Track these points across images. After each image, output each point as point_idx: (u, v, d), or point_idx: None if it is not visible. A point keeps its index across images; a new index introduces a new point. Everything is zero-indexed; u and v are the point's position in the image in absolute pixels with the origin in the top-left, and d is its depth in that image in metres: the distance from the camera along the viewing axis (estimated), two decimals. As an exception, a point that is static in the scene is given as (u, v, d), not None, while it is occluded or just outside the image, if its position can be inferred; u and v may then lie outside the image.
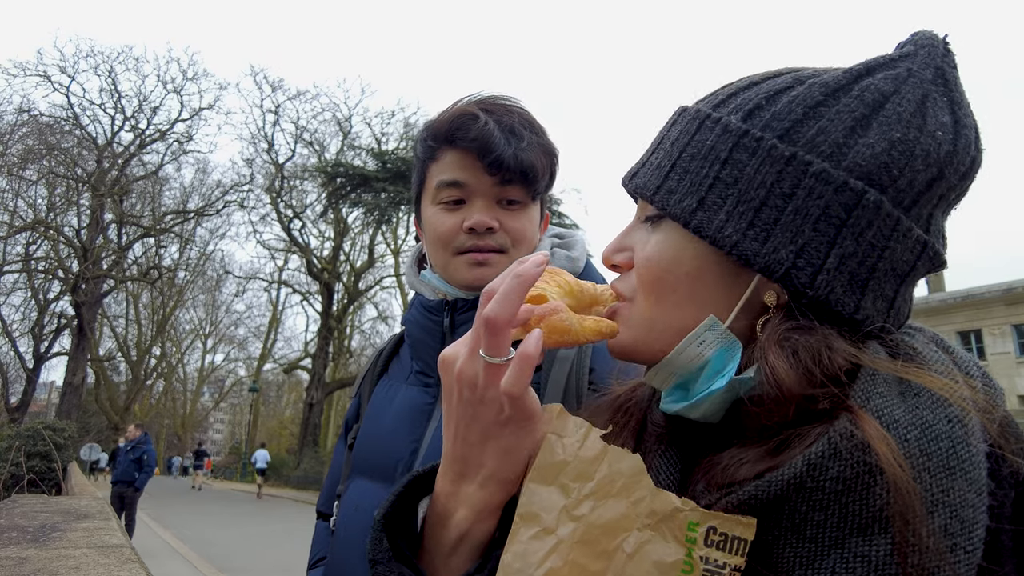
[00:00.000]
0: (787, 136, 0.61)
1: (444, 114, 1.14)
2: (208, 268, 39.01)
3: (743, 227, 0.60)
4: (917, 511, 0.47)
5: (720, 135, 0.63)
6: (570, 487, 0.60)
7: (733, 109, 0.64)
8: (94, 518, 3.92)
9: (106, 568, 2.48)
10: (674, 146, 0.67)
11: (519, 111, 1.15)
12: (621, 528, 0.58)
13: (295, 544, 12.12)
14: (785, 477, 0.52)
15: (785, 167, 0.60)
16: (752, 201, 0.60)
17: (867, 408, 0.52)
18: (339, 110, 33.69)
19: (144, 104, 32.27)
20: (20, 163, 27.53)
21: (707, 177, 0.63)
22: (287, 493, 27.07)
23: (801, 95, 0.62)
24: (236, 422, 65.22)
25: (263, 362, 44.25)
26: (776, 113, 0.62)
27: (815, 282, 0.58)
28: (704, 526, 0.55)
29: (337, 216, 32.52)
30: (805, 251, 0.59)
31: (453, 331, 1.14)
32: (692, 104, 0.70)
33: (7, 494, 7.90)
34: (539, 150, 1.12)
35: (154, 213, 33.18)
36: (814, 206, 0.59)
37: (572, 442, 0.62)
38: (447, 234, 1.12)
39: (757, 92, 0.64)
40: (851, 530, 0.50)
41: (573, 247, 1.24)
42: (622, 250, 0.71)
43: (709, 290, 0.63)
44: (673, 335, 0.64)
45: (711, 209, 0.62)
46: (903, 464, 0.49)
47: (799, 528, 0.52)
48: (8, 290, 30.38)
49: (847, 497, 0.50)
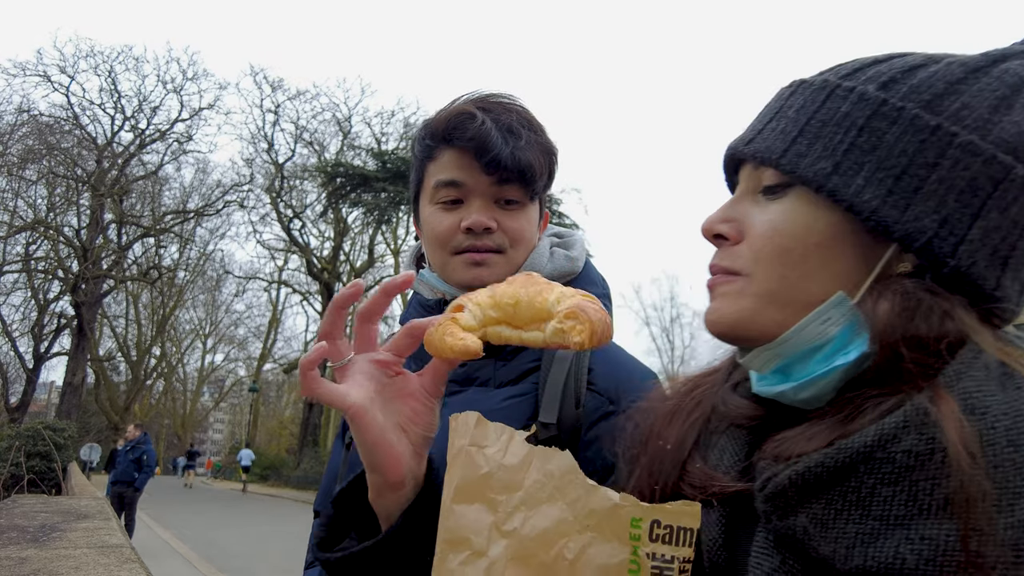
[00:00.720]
0: (930, 107, 0.59)
1: (441, 113, 1.13)
2: (208, 268, 39.03)
3: (882, 193, 0.58)
4: (982, 500, 0.46)
5: (856, 103, 0.62)
6: (497, 501, 0.57)
7: (866, 80, 0.63)
8: (94, 518, 3.92)
9: (106, 568, 2.48)
10: (799, 113, 0.65)
11: (518, 109, 1.14)
12: (559, 534, 0.54)
13: (295, 544, 12.10)
14: (855, 445, 0.51)
15: (929, 136, 0.58)
16: (892, 169, 0.59)
17: (953, 388, 0.51)
18: (339, 110, 33.57)
19: (144, 104, 32.26)
20: (20, 163, 27.51)
21: (842, 143, 0.61)
22: (287, 493, 27.05)
23: (941, 71, 0.61)
24: (236, 422, 65.20)
25: (263, 362, 44.27)
26: (915, 86, 0.61)
27: (957, 252, 0.57)
28: (648, 520, 0.52)
29: (337, 216, 32.51)
30: (949, 221, 0.57)
31: None
32: (812, 76, 0.68)
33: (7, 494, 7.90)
34: (537, 149, 1.11)
35: (154, 213, 33.17)
36: (959, 177, 0.57)
37: (494, 451, 0.58)
38: (444, 234, 1.11)
39: (890, 67, 0.63)
40: (920, 509, 0.48)
41: (572, 247, 1.23)
42: (729, 220, 0.68)
43: (840, 262, 0.61)
44: (794, 310, 0.61)
45: (847, 174, 0.60)
46: (974, 450, 0.47)
47: (865, 502, 0.50)
48: (8, 290, 30.38)
49: (918, 474, 0.48)
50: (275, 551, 11.61)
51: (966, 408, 0.49)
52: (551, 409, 1.01)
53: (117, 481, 11.26)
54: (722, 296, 0.66)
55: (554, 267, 1.16)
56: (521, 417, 1.03)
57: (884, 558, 0.48)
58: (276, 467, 34.00)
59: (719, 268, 0.68)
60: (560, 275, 1.16)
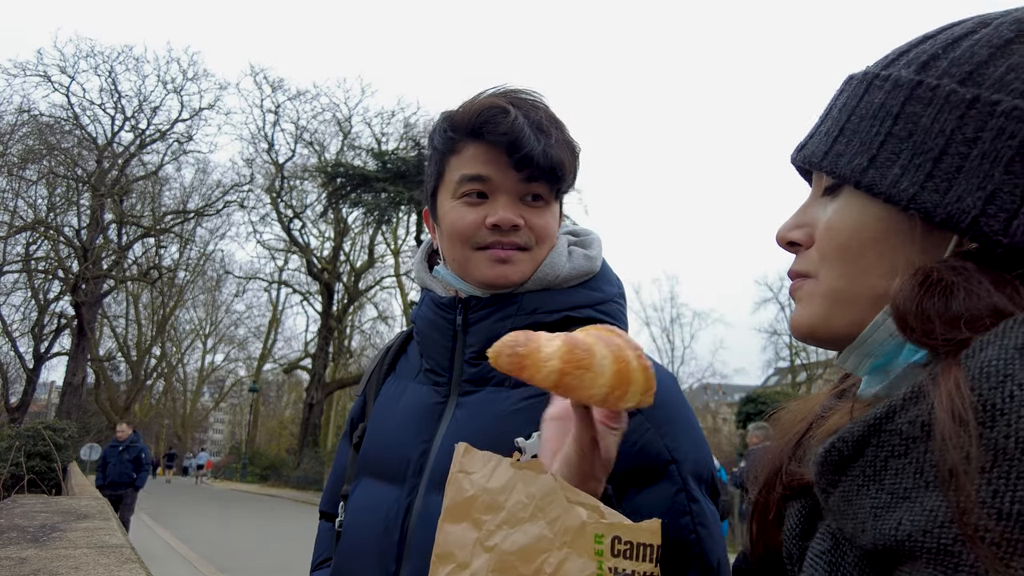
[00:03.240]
0: (969, 80, 0.56)
1: (469, 105, 1.10)
2: (208, 268, 39.00)
3: (920, 179, 0.56)
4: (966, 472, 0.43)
5: (890, 91, 0.60)
6: (481, 520, 0.61)
7: (905, 64, 0.61)
8: (94, 518, 3.92)
9: (106, 568, 2.48)
10: (842, 112, 0.64)
11: (543, 107, 1.12)
12: (539, 550, 0.58)
13: (295, 544, 12.10)
14: (868, 419, 0.50)
15: (967, 111, 0.55)
16: (930, 152, 0.56)
17: (971, 359, 0.47)
18: (339, 110, 33.56)
19: (144, 104, 32.24)
20: (20, 163, 27.50)
21: (878, 135, 0.59)
22: (287, 493, 27.06)
23: (987, 36, 0.57)
24: (236, 422, 65.18)
25: (263, 362, 44.26)
26: (955, 59, 0.57)
27: (1010, 228, 0.52)
28: (608, 537, 0.55)
29: (337, 216, 32.51)
30: (997, 196, 0.53)
31: (466, 329, 1.12)
32: (860, 70, 0.67)
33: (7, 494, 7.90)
34: (566, 148, 1.10)
35: (154, 213, 33.15)
36: (1005, 147, 0.53)
37: (479, 476, 0.63)
38: (467, 229, 1.08)
39: (933, 44, 0.60)
40: (927, 482, 0.46)
41: (590, 246, 1.21)
42: (800, 226, 0.68)
43: (899, 253, 0.58)
44: (865, 308, 0.60)
45: (884, 166, 0.58)
46: (967, 419, 0.44)
47: (879, 476, 0.49)
48: (8, 290, 30.37)
49: (924, 444, 0.47)
50: (275, 551, 11.61)
51: (981, 375, 0.46)
52: None
53: (112, 483, 10.59)
54: (799, 300, 0.66)
55: (573, 267, 1.15)
56: (538, 418, 1.00)
57: (888, 530, 0.47)
58: (276, 467, 34.00)
59: (794, 273, 0.68)
60: (579, 275, 1.15)
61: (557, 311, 1.10)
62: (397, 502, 1.05)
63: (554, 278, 1.12)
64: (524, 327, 1.09)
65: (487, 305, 1.10)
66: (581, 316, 1.11)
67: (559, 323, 1.10)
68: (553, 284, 1.12)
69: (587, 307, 1.12)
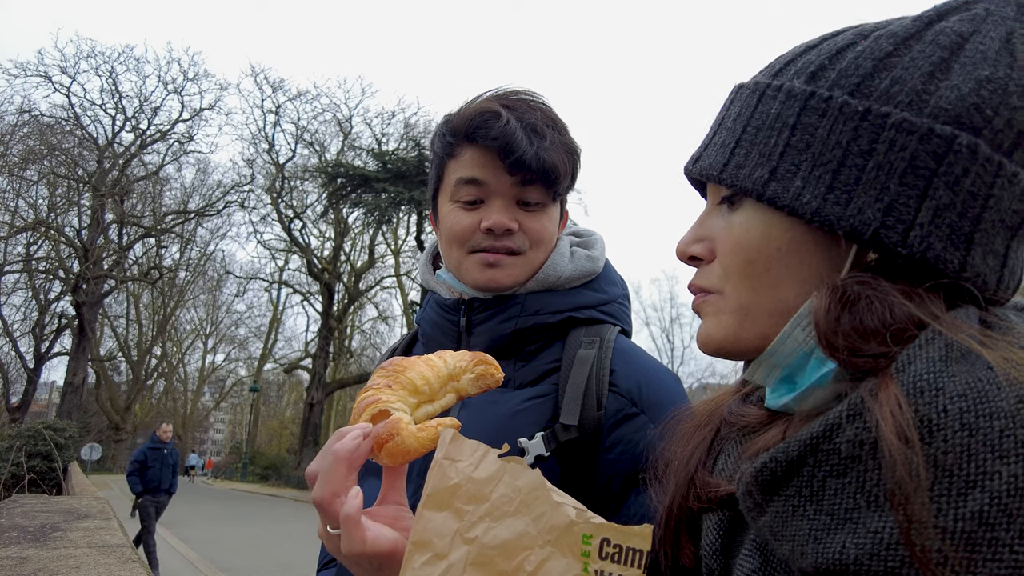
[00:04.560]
0: (858, 91, 0.56)
1: (464, 109, 1.10)
2: (209, 268, 39.08)
3: (822, 191, 0.56)
4: (916, 490, 0.43)
5: (784, 101, 0.59)
6: (463, 510, 0.60)
7: (794, 74, 0.60)
8: (95, 518, 3.92)
9: (106, 568, 2.48)
10: (736, 122, 0.63)
11: (542, 107, 1.11)
12: (521, 547, 0.57)
13: (295, 544, 12.11)
14: (802, 438, 0.49)
15: (860, 123, 0.55)
16: (829, 164, 0.56)
17: (902, 372, 0.47)
18: (340, 110, 33.59)
19: (145, 104, 32.33)
20: (21, 163, 27.55)
21: (776, 146, 0.59)
22: (287, 493, 27.06)
23: (868, 48, 0.58)
24: (236, 422, 65.23)
25: (263, 362, 44.29)
26: (843, 71, 0.58)
27: (907, 239, 0.53)
28: (597, 538, 0.54)
29: (337, 216, 32.53)
30: (893, 208, 0.53)
31: (470, 331, 1.12)
32: (748, 79, 0.66)
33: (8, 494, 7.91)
34: (562, 150, 1.09)
35: (155, 213, 33.20)
36: (897, 159, 0.53)
37: (465, 465, 0.62)
38: (463, 233, 1.09)
39: (818, 53, 0.60)
40: (867, 501, 0.46)
41: (593, 246, 1.21)
42: (699, 240, 0.66)
43: (807, 265, 0.58)
44: (773, 320, 0.60)
45: (785, 178, 0.57)
46: (910, 436, 0.44)
47: (817, 497, 0.48)
48: (9, 290, 30.42)
49: (864, 464, 0.46)
50: (275, 551, 11.61)
51: (915, 391, 0.46)
52: (572, 410, 0.99)
53: (157, 488, 9.58)
54: (705, 316, 0.66)
55: (575, 267, 1.14)
56: (541, 419, 1.01)
57: (831, 553, 0.46)
58: (276, 467, 34.00)
59: (698, 288, 0.67)
60: (582, 275, 1.15)
61: (559, 312, 1.10)
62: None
63: (556, 279, 1.12)
64: (527, 328, 1.09)
65: (490, 307, 1.10)
66: (584, 316, 1.11)
67: (561, 323, 1.10)
68: (556, 285, 1.12)
69: (590, 307, 1.12)
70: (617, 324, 1.14)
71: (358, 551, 0.64)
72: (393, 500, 0.75)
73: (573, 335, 1.09)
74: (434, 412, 0.75)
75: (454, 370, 0.76)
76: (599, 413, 0.99)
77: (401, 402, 0.72)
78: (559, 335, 1.10)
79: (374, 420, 0.71)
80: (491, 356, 0.79)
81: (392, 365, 0.76)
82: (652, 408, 1.02)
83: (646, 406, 1.02)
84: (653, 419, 1.00)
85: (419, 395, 0.74)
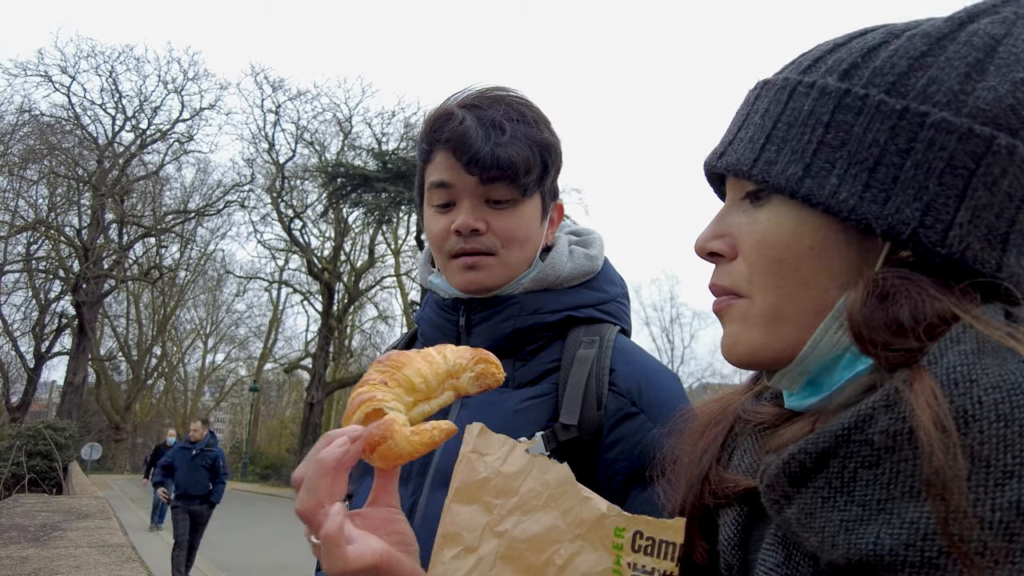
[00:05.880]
0: (894, 90, 0.56)
1: (429, 114, 1.13)
2: (209, 268, 39.08)
3: (858, 189, 0.55)
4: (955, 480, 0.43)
5: (818, 99, 0.59)
6: (492, 504, 0.60)
7: (826, 71, 0.60)
8: (95, 517, 3.92)
9: (107, 567, 2.49)
10: (764, 118, 0.62)
11: (510, 100, 1.10)
12: (550, 540, 0.56)
13: (295, 544, 12.10)
14: (833, 429, 0.49)
15: (898, 121, 0.55)
16: (865, 162, 0.56)
17: (935, 365, 0.48)
18: (340, 110, 33.51)
19: (145, 104, 32.30)
20: (21, 163, 27.55)
21: (810, 143, 0.58)
22: (288, 492, 27.05)
23: (902, 47, 0.57)
24: (237, 422, 65.21)
25: (264, 362, 44.25)
26: (877, 69, 0.57)
27: (946, 239, 0.53)
28: (630, 531, 0.53)
29: (338, 216, 32.50)
30: (932, 207, 0.54)
31: (469, 331, 1.12)
32: (773, 75, 0.65)
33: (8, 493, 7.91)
34: (524, 142, 1.06)
35: (155, 213, 33.21)
36: (936, 158, 0.54)
37: (494, 459, 0.62)
38: (438, 237, 1.10)
39: (849, 51, 0.60)
40: (901, 492, 0.45)
41: (591, 245, 1.21)
42: (720, 236, 0.64)
43: (838, 264, 0.57)
44: (804, 323, 0.59)
45: (819, 175, 0.57)
46: (947, 426, 0.44)
47: (848, 488, 0.48)
48: (9, 290, 30.41)
49: (898, 455, 0.46)
50: (275, 551, 11.61)
51: (949, 382, 0.46)
52: (572, 410, 0.99)
53: (185, 495, 8.42)
54: (730, 322, 0.63)
55: (574, 266, 1.14)
56: (541, 418, 1.01)
57: (864, 544, 0.46)
58: (277, 467, 33.98)
59: (721, 288, 0.64)
60: (580, 274, 1.15)
61: (559, 311, 1.10)
62: (402, 501, 1.05)
63: (555, 278, 1.12)
64: (526, 327, 1.09)
65: (489, 306, 1.11)
66: (583, 316, 1.11)
67: (561, 323, 1.10)
68: (555, 284, 1.12)
69: (589, 307, 1.12)
70: (617, 323, 1.14)
71: (340, 570, 0.62)
72: (384, 502, 0.72)
73: (573, 334, 1.09)
74: (431, 411, 0.73)
75: (454, 367, 0.73)
76: (599, 413, 0.99)
77: (396, 401, 0.70)
78: (559, 334, 1.10)
79: (367, 419, 0.69)
80: (493, 354, 0.75)
81: (389, 360, 0.73)
82: (652, 408, 1.02)
83: (646, 406, 1.02)
84: (653, 419, 1.00)
85: (415, 393, 0.71)
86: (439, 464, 1.04)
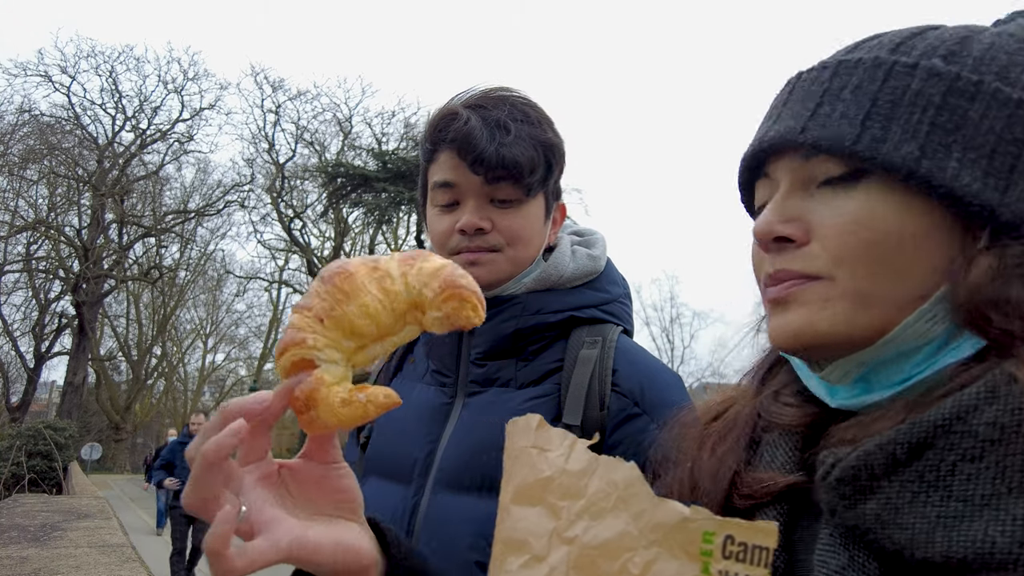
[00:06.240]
0: (1006, 80, 0.55)
1: (432, 114, 1.13)
2: (209, 268, 39.06)
3: (979, 175, 0.53)
4: None
5: (926, 79, 0.56)
6: (559, 506, 0.55)
7: (924, 54, 0.58)
8: (94, 517, 3.92)
9: (106, 567, 2.49)
10: (857, 94, 0.58)
11: (514, 101, 1.11)
12: (623, 547, 0.52)
13: (295, 544, 12.05)
14: (932, 419, 0.47)
15: (1016, 110, 0.54)
16: (982, 148, 0.54)
17: None
18: (340, 110, 33.50)
19: (145, 104, 32.28)
20: (21, 163, 27.56)
21: (921, 123, 0.55)
22: (287, 493, 26.97)
23: (997, 42, 0.57)
24: (237, 422, 65.07)
25: (264, 362, 44.20)
26: (979, 58, 0.56)
27: None
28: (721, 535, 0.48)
29: (338, 216, 32.50)
30: None
31: (471, 331, 1.11)
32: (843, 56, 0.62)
33: (8, 493, 7.91)
34: (529, 143, 1.07)
35: (155, 213, 33.19)
36: None
37: (556, 456, 0.57)
38: (442, 236, 1.10)
39: (939, 37, 0.59)
40: (1010, 487, 0.43)
41: (594, 245, 1.21)
42: (790, 220, 0.60)
43: (939, 252, 0.55)
44: (892, 311, 0.55)
45: (936, 157, 0.54)
46: None
47: (945, 482, 0.46)
48: (9, 290, 30.41)
49: (1006, 448, 0.44)
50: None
51: None
52: (575, 411, 1.00)
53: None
54: (801, 305, 0.58)
55: (577, 266, 1.15)
56: (546, 419, 1.01)
57: (971, 542, 0.43)
58: (277, 467, 33.94)
59: (791, 273, 0.59)
60: (583, 274, 1.15)
61: (561, 311, 1.10)
62: (404, 501, 1.05)
63: (558, 278, 1.12)
64: (528, 327, 1.09)
65: (491, 306, 1.10)
66: (585, 316, 1.11)
67: (563, 323, 1.10)
68: (557, 284, 1.12)
69: (591, 307, 1.12)
70: (619, 324, 1.14)
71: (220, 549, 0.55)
72: (320, 459, 0.64)
73: (575, 335, 1.09)
74: (387, 350, 0.62)
75: (418, 297, 0.60)
76: (602, 413, 1.00)
77: (332, 348, 0.58)
78: (561, 335, 1.11)
79: (294, 368, 0.59)
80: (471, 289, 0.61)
81: (335, 279, 0.59)
82: (654, 408, 1.02)
83: (648, 407, 1.02)
84: (655, 419, 1.00)
85: (360, 338, 0.59)
86: (441, 465, 1.04)
